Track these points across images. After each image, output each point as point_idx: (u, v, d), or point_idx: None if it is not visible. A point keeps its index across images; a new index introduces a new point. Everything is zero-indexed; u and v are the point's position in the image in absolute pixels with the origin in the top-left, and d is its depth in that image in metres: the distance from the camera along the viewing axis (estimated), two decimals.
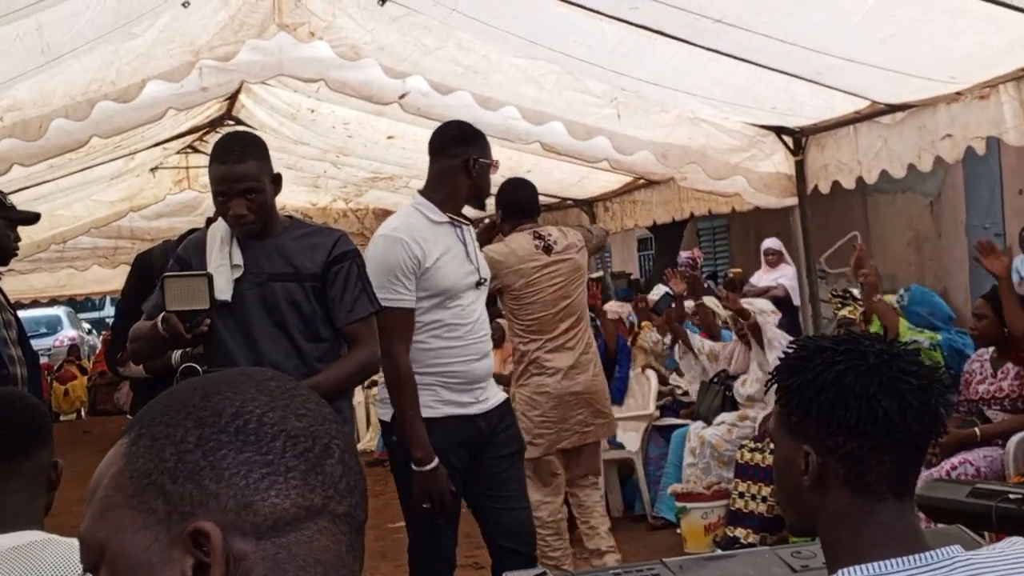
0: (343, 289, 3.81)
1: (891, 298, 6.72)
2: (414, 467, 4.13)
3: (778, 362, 1.80)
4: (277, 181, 3.82)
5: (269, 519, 1.00)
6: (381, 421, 4.40)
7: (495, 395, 4.43)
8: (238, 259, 3.78)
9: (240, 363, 3.71)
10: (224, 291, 3.73)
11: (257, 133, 9.35)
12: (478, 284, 4.32)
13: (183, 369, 3.72)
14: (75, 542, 2.14)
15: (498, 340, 8.37)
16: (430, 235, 4.24)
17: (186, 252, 3.92)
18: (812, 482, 1.72)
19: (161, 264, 4.17)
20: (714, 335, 8.24)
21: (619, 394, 7.99)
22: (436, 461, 4.13)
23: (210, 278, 3.58)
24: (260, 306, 3.78)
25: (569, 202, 10.84)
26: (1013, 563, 1.63)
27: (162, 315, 3.55)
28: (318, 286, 3.81)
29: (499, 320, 7.77)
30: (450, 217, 4.31)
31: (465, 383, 4.28)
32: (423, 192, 4.39)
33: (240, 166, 3.69)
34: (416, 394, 4.17)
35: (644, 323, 9.22)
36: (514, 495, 4.44)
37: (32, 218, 5.09)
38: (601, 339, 8.08)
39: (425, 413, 4.18)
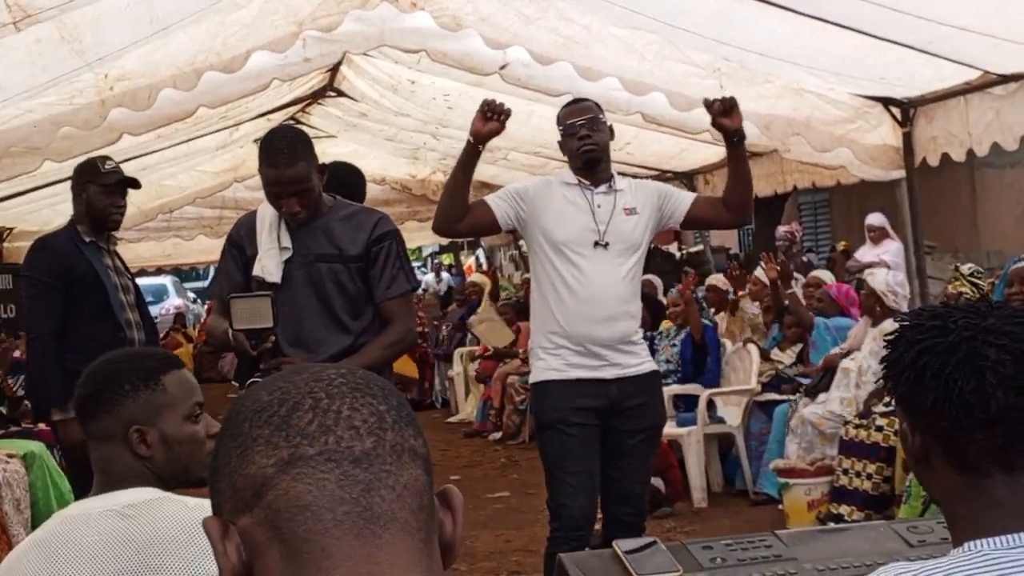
0: (382, 268, 3.99)
1: None
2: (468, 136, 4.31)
3: None
4: (323, 172, 4.00)
5: (249, 489, 1.05)
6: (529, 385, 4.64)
7: (634, 363, 4.43)
8: (287, 242, 3.97)
9: (286, 341, 3.88)
10: (274, 273, 3.95)
11: (358, 105, 9.54)
12: (596, 244, 4.34)
13: (249, 384, 3.82)
14: (189, 500, 2.18)
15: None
16: (558, 192, 4.41)
17: (238, 234, 4.13)
18: (916, 459, 1.69)
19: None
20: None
21: (713, 384, 7.98)
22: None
23: (273, 298, 3.75)
24: (308, 285, 3.97)
25: (669, 174, 10.76)
26: None
27: (231, 333, 3.75)
28: (361, 266, 3.99)
29: None
30: (579, 180, 4.42)
31: (588, 345, 4.33)
32: None
33: (291, 170, 3.86)
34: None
35: (740, 293, 9.12)
36: (634, 469, 4.48)
37: (127, 182, 5.17)
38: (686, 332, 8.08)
39: (553, 375, 4.34)
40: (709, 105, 4.47)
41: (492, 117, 4.15)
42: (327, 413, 1.06)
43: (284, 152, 3.88)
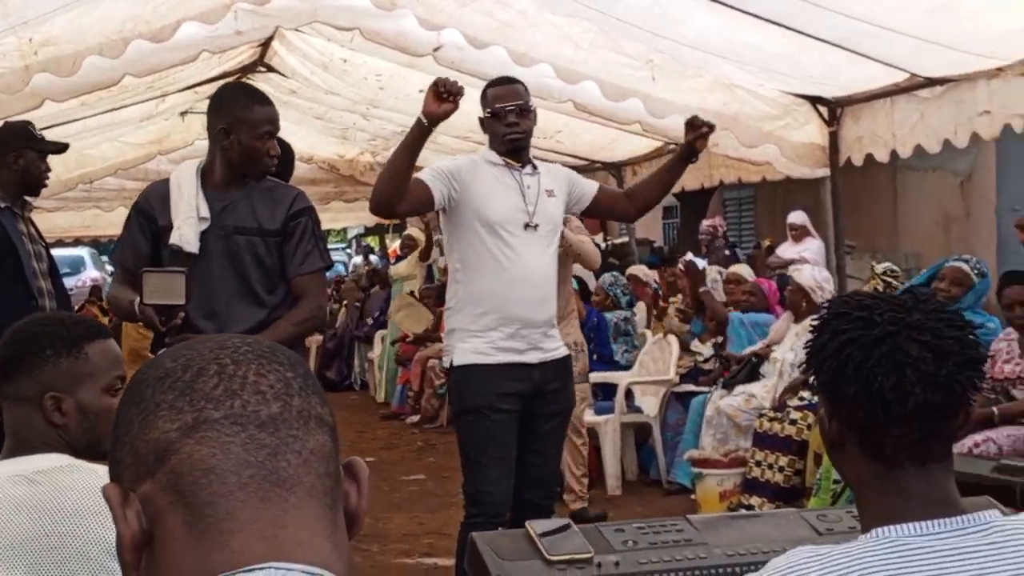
0: (297, 243, 3.97)
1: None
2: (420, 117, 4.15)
3: None
4: None
5: (151, 454, 1.04)
6: (443, 369, 4.61)
7: (553, 347, 4.46)
8: (205, 212, 3.92)
9: (201, 315, 3.87)
10: (191, 243, 3.89)
11: (288, 81, 9.44)
12: (526, 226, 4.35)
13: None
14: (99, 468, 2.15)
15: None
16: (486, 172, 4.40)
17: (147, 203, 4.04)
18: (832, 445, 1.72)
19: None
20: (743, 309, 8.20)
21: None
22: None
23: (187, 275, 3.72)
24: (225, 258, 3.93)
25: (598, 165, 10.79)
26: None
27: (138, 305, 3.70)
28: (279, 241, 3.96)
29: None
30: (504, 160, 4.42)
31: (519, 328, 4.33)
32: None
33: (275, 109, 3.96)
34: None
35: (674, 299, 9.12)
36: (550, 452, 4.55)
37: (61, 148, 5.10)
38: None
39: (479, 359, 4.32)
40: (699, 125, 4.51)
41: (447, 97, 4.06)
42: (233, 378, 1.06)
43: (264, 95, 3.97)
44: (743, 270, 8.84)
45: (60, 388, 2.25)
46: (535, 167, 4.49)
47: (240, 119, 3.88)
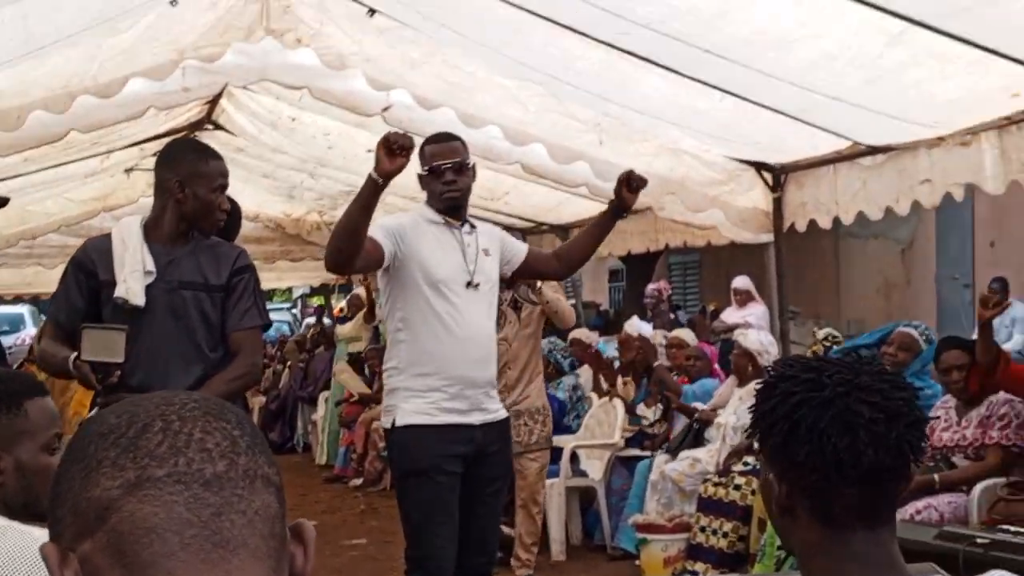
0: (238, 299, 3.95)
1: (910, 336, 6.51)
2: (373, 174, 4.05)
3: None
4: None
5: (92, 512, 1.01)
6: (383, 430, 4.49)
7: (495, 408, 4.43)
8: (151, 265, 3.87)
9: (139, 370, 3.80)
10: (138, 296, 3.83)
11: (236, 139, 9.42)
12: (468, 284, 4.32)
13: (85, 423, 3.70)
14: (36, 531, 2.08)
15: None
16: (428, 231, 4.37)
17: (87, 257, 3.96)
18: (780, 510, 1.69)
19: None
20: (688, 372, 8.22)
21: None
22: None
23: (128, 333, 3.67)
24: (169, 313, 3.88)
25: (545, 227, 10.83)
26: None
27: (73, 361, 3.65)
28: (222, 296, 3.95)
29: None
30: (444, 218, 4.39)
31: (463, 388, 4.29)
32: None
33: (225, 164, 3.98)
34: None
35: (614, 389, 8.91)
36: (491, 517, 4.50)
37: (2, 202, 5.04)
38: None
39: (423, 420, 4.26)
40: (632, 179, 4.54)
41: (399, 152, 3.97)
42: (178, 435, 1.03)
43: (213, 149, 4.00)
44: (685, 335, 8.87)
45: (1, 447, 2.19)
46: (472, 225, 4.48)
47: (195, 172, 3.87)
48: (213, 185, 3.88)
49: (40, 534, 2.06)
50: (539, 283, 6.32)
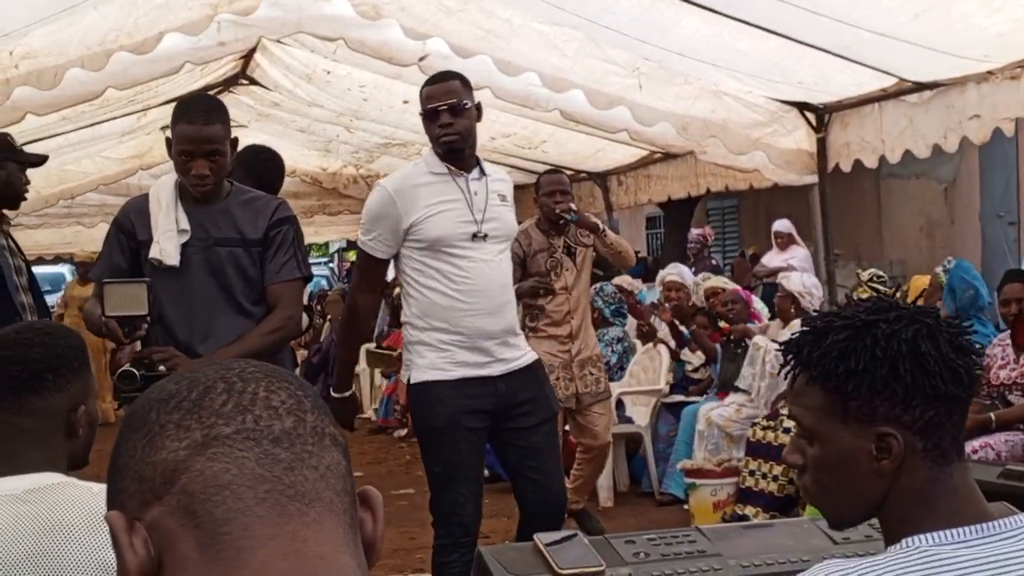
0: (276, 251, 3.89)
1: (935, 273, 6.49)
2: (332, 391, 4.27)
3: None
4: (234, 146, 3.89)
5: (159, 477, 0.98)
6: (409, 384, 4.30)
7: (518, 356, 4.26)
8: (184, 224, 3.83)
9: (182, 329, 3.81)
10: (172, 256, 3.80)
11: (271, 94, 9.38)
12: (475, 236, 4.15)
13: (120, 373, 3.66)
14: (94, 486, 2.08)
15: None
16: (427, 185, 4.17)
17: (127, 218, 3.94)
18: (894, 465, 1.61)
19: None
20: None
21: None
22: (348, 392, 4.39)
23: (150, 285, 3.62)
24: (206, 270, 3.85)
25: (583, 174, 10.75)
26: None
27: (103, 319, 3.60)
28: (261, 251, 3.89)
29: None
30: (448, 168, 4.19)
31: (477, 340, 4.15)
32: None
33: (209, 128, 3.74)
34: (357, 333, 4.53)
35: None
36: (551, 466, 4.30)
37: (41, 160, 5.05)
38: None
39: (438, 375, 4.14)
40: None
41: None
42: (243, 394, 1.01)
43: (202, 111, 3.78)
44: (718, 281, 8.74)
45: (81, 400, 2.21)
46: (483, 171, 4.25)
47: (173, 133, 3.79)
48: (177, 149, 3.76)
49: (98, 489, 2.06)
50: (600, 223, 6.18)
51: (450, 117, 4.11)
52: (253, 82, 9.27)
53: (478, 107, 4.24)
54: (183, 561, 0.97)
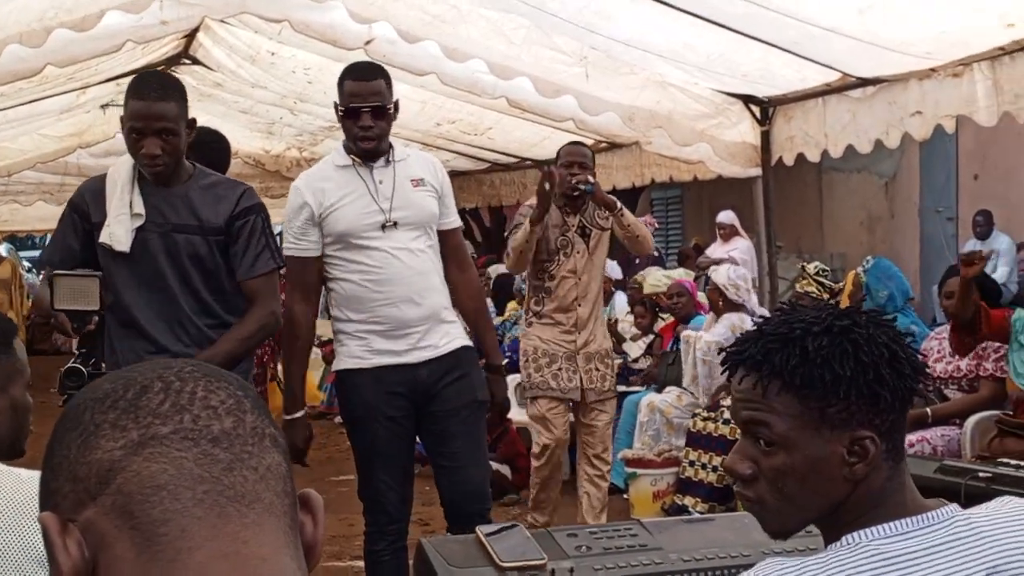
0: (246, 244, 3.76)
1: (857, 273, 6.64)
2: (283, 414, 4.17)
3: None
4: (192, 127, 3.73)
5: (93, 477, 0.96)
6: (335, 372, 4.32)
7: (443, 342, 4.17)
8: (139, 207, 3.70)
9: (143, 315, 3.71)
10: (123, 241, 3.68)
11: (214, 74, 9.26)
12: (384, 226, 4.07)
13: (66, 370, 3.58)
14: (23, 472, 2.04)
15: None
16: (332, 180, 4.11)
17: (82, 199, 3.82)
18: (868, 468, 1.60)
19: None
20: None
21: None
22: (299, 413, 4.18)
23: (102, 279, 3.52)
24: (165, 256, 3.73)
25: (528, 162, 10.74)
26: (1010, 518, 1.60)
27: (52, 311, 3.52)
28: (221, 240, 3.76)
29: None
30: (352, 160, 4.11)
31: (394, 328, 4.08)
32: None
33: (160, 104, 3.60)
34: (299, 345, 4.24)
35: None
36: (460, 452, 4.17)
37: None
38: None
39: (356, 364, 4.12)
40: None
41: None
42: (180, 393, 0.99)
43: (156, 87, 3.65)
44: (677, 273, 8.76)
45: (4, 385, 2.16)
46: (389, 158, 4.12)
47: (125, 111, 3.67)
48: (128, 126, 3.63)
49: (27, 475, 2.02)
50: (618, 203, 5.81)
51: (371, 120, 4.02)
52: (196, 62, 9.14)
53: (395, 104, 4.16)
54: (119, 563, 0.94)
